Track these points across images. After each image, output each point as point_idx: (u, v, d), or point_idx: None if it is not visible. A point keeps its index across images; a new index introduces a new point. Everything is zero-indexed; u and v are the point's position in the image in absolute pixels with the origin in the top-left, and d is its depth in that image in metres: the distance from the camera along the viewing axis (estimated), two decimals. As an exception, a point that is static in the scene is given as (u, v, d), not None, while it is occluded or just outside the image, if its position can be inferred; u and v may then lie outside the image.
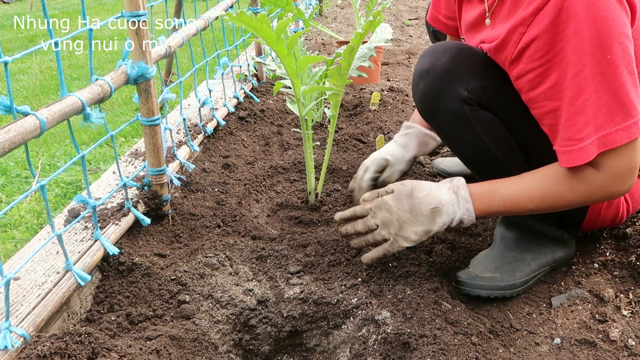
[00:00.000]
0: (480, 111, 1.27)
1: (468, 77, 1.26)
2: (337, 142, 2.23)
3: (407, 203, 1.22)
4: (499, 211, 1.22)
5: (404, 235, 1.23)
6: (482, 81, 1.26)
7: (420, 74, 1.31)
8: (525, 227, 1.38)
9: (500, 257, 1.38)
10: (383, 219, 1.24)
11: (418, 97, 1.33)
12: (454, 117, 1.27)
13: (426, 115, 1.34)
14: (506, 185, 1.21)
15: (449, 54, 1.28)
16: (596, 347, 1.17)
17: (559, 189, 1.16)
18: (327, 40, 4.25)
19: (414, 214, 1.22)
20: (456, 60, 1.27)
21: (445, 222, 1.22)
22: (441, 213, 1.21)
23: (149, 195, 1.54)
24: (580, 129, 1.09)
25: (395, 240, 1.24)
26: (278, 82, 1.65)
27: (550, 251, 1.39)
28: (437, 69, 1.27)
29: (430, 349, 1.10)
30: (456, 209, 1.21)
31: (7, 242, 2.03)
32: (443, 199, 1.22)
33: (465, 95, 1.25)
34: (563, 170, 1.16)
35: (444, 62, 1.27)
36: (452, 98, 1.26)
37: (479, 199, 1.21)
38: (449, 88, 1.26)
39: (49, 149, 2.92)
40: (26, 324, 1.06)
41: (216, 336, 1.22)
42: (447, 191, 1.22)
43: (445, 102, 1.27)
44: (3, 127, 0.96)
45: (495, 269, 1.35)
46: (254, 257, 1.44)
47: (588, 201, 1.18)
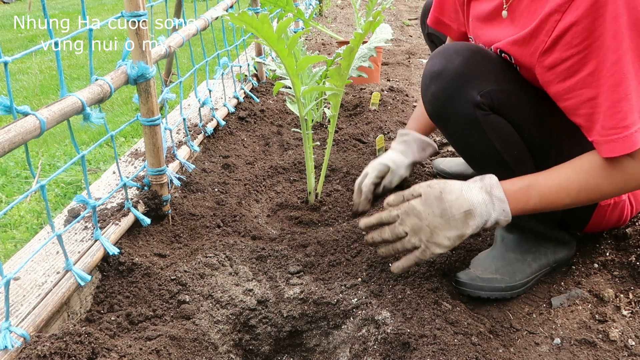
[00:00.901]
0: (493, 116, 1.24)
1: (481, 80, 1.23)
2: (337, 142, 2.23)
3: (438, 207, 1.17)
4: (535, 208, 1.18)
5: (436, 242, 1.18)
6: (495, 85, 1.23)
7: (431, 76, 1.27)
8: (526, 228, 1.38)
9: (501, 258, 1.37)
10: (413, 226, 1.19)
11: (429, 99, 1.29)
12: (465, 121, 1.24)
13: (436, 118, 1.31)
14: (541, 182, 1.17)
15: (462, 56, 1.24)
16: (596, 347, 1.17)
17: (597, 181, 1.14)
18: (327, 40, 4.26)
19: (445, 218, 1.16)
20: (469, 63, 1.23)
21: (479, 225, 1.17)
22: (474, 215, 1.16)
23: (149, 195, 1.54)
24: (625, 116, 1.05)
25: (427, 247, 1.19)
26: (278, 82, 1.65)
27: (550, 252, 1.39)
28: (450, 71, 1.23)
29: (430, 349, 1.10)
30: (490, 210, 1.17)
31: (7, 242, 2.03)
32: (475, 200, 1.17)
33: (478, 99, 1.21)
34: (599, 161, 1.13)
35: (456, 64, 1.23)
36: (465, 102, 1.22)
37: (514, 197, 1.17)
38: (462, 92, 1.22)
39: (49, 149, 2.92)
40: (26, 324, 1.06)
41: (216, 336, 1.22)
42: (479, 191, 1.18)
43: (457, 106, 1.24)
44: (3, 127, 0.96)
45: (495, 270, 1.35)
46: (254, 257, 1.44)
47: (624, 191, 1.16)
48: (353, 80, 2.93)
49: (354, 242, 1.50)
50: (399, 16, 5.52)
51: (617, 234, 1.47)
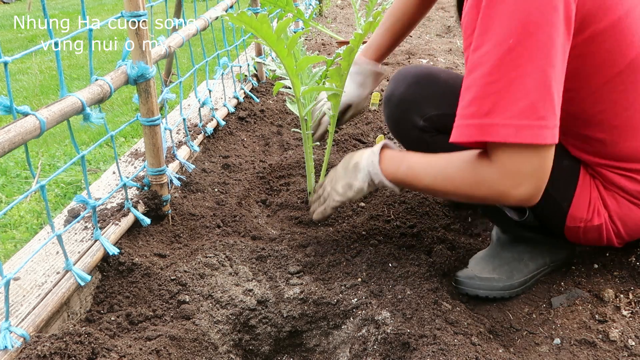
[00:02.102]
0: (440, 136, 1.30)
1: (424, 106, 1.31)
2: (337, 142, 2.23)
3: (346, 162, 1.35)
4: (405, 180, 1.22)
5: (335, 189, 1.36)
6: (438, 110, 1.29)
7: (384, 101, 1.40)
8: (523, 228, 1.38)
9: (497, 257, 1.38)
10: (330, 179, 1.41)
11: (386, 119, 1.42)
12: (415, 142, 1.35)
13: (393, 136, 1.45)
14: (417, 156, 1.22)
15: (406, 83, 1.33)
16: (596, 347, 1.17)
17: (451, 171, 1.12)
18: (327, 41, 4.25)
19: (345, 169, 1.34)
20: (412, 89, 1.32)
21: (363, 178, 1.29)
22: (359, 167, 1.29)
23: (148, 196, 1.54)
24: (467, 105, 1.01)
25: (330, 194, 1.39)
26: (278, 82, 1.65)
27: (547, 252, 1.38)
28: (395, 97, 1.35)
29: (430, 349, 1.10)
30: (368, 164, 1.27)
31: (7, 242, 2.03)
32: (364, 155, 1.30)
33: (421, 124, 1.31)
34: (464, 155, 1.10)
35: (401, 91, 1.33)
36: (410, 126, 1.33)
37: (389, 159, 1.25)
38: (406, 117, 1.33)
39: (49, 149, 2.92)
40: (26, 324, 1.06)
41: (216, 336, 1.22)
42: (369, 149, 1.30)
43: (404, 129, 1.36)
44: (3, 127, 0.96)
45: (493, 269, 1.35)
46: (254, 257, 1.44)
47: (476, 194, 1.08)
48: None
49: (354, 242, 1.50)
50: (399, 16, 5.51)
51: (617, 234, 1.47)
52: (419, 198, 1.70)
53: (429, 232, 1.53)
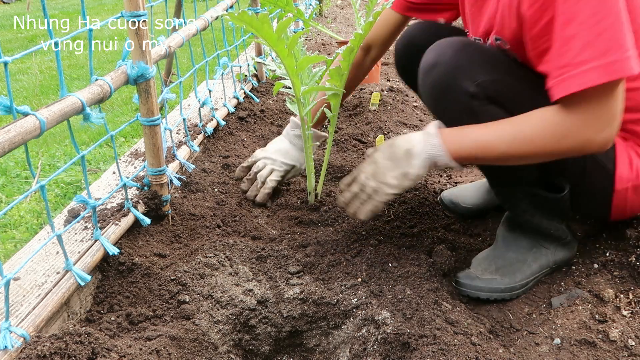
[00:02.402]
0: (490, 106, 1.24)
1: (474, 71, 1.22)
2: (337, 142, 2.23)
3: (388, 151, 1.25)
4: (471, 154, 1.18)
5: (385, 182, 1.25)
6: (489, 75, 1.23)
7: (425, 70, 1.28)
8: (528, 228, 1.37)
9: (501, 258, 1.37)
10: (371, 172, 1.27)
11: (426, 93, 1.30)
12: (462, 112, 1.24)
13: (434, 111, 1.33)
14: (478, 128, 1.19)
15: (454, 49, 1.25)
16: (596, 347, 1.17)
17: (529, 132, 1.12)
18: (327, 41, 4.25)
19: (392, 159, 1.24)
20: (461, 55, 1.24)
21: (421, 164, 1.21)
22: (414, 154, 1.21)
23: (148, 196, 1.54)
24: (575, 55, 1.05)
25: (380, 188, 1.26)
26: (278, 82, 1.65)
27: (551, 252, 1.38)
28: (442, 64, 1.24)
29: (430, 349, 1.10)
30: (427, 147, 1.20)
31: (7, 242, 2.03)
32: (415, 140, 1.22)
33: (472, 90, 1.22)
34: (537, 114, 1.13)
35: (449, 56, 1.24)
36: (460, 93, 1.23)
37: (449, 137, 1.20)
38: (456, 83, 1.23)
39: (49, 149, 2.92)
40: (26, 324, 1.06)
41: (216, 336, 1.22)
42: (420, 133, 1.23)
43: (453, 98, 1.24)
44: (3, 127, 0.96)
45: (496, 270, 1.35)
46: (254, 257, 1.44)
47: (558, 149, 1.11)
48: None
49: (354, 242, 1.50)
50: (399, 16, 5.51)
51: (617, 234, 1.47)
52: (419, 198, 1.70)
53: (429, 232, 1.53)
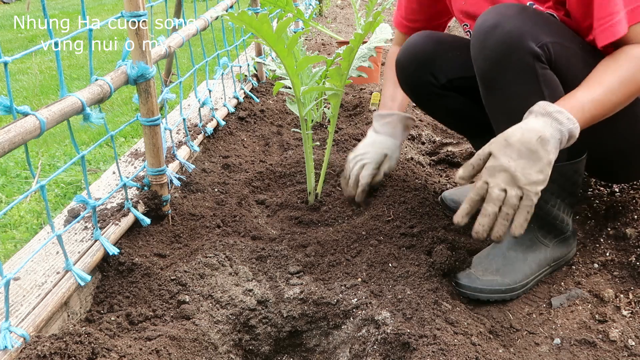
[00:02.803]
0: (549, 71, 1.24)
1: (537, 32, 1.22)
2: (337, 142, 2.23)
3: (512, 152, 1.11)
4: (592, 114, 1.15)
5: (532, 181, 1.10)
6: (551, 37, 1.23)
7: (487, 30, 1.24)
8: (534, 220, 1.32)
9: (502, 256, 1.38)
10: (505, 180, 1.11)
11: (485, 55, 1.26)
12: (524, 74, 1.22)
13: (489, 76, 1.28)
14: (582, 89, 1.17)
15: (515, 10, 1.24)
16: (596, 347, 1.17)
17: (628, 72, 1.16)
18: (327, 41, 4.25)
19: (525, 157, 1.10)
20: (523, 16, 1.24)
21: (556, 145, 1.12)
22: (547, 139, 1.10)
23: (148, 196, 1.54)
24: None
25: (529, 190, 1.10)
26: (278, 82, 1.65)
27: (550, 250, 1.39)
28: (507, 24, 1.22)
29: (430, 349, 1.10)
30: (557, 126, 1.11)
31: (7, 242, 2.03)
32: (538, 126, 1.11)
33: (537, 50, 1.21)
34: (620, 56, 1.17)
35: (512, 17, 1.23)
36: (525, 53, 1.21)
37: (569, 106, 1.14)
38: (521, 43, 1.21)
39: (49, 149, 2.92)
40: (26, 324, 1.06)
41: (216, 336, 1.22)
42: (535, 119, 1.13)
43: (516, 58, 1.22)
44: (3, 127, 0.96)
45: (496, 270, 1.35)
46: (254, 257, 1.44)
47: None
48: (353, 80, 2.93)
49: (354, 242, 1.50)
50: (399, 16, 5.51)
51: (617, 234, 1.47)
52: (419, 198, 1.70)
53: (429, 232, 1.53)
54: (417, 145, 2.26)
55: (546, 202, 1.34)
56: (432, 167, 2.14)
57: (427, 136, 2.32)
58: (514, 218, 1.12)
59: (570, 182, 1.34)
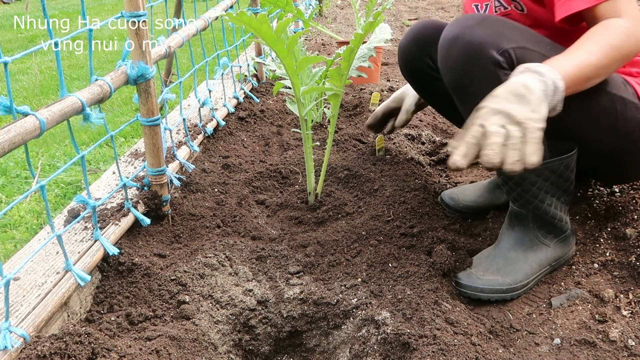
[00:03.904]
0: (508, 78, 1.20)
1: (498, 40, 1.25)
2: (337, 143, 2.23)
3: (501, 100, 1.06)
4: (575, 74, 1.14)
5: (528, 117, 1.03)
6: (512, 43, 1.26)
7: (449, 43, 1.29)
8: (532, 220, 1.37)
9: (502, 257, 1.38)
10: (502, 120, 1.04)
11: (449, 66, 1.30)
12: (488, 82, 1.23)
13: (456, 85, 1.31)
14: (566, 54, 1.18)
15: (475, 20, 1.28)
16: (596, 347, 1.17)
17: (611, 39, 1.18)
18: (327, 41, 4.25)
19: (516, 101, 1.05)
20: (484, 25, 1.27)
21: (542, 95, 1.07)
22: (531, 87, 1.08)
23: (148, 196, 1.54)
24: None
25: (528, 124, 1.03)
26: (278, 82, 1.65)
27: (551, 249, 1.39)
28: (467, 34, 1.26)
29: (430, 349, 1.10)
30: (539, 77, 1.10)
31: (7, 242, 2.03)
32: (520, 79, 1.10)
33: (498, 58, 1.24)
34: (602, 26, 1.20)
35: (472, 27, 1.27)
36: (486, 62, 1.25)
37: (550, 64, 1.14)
38: (482, 52, 1.25)
39: (49, 149, 2.92)
40: (26, 324, 1.06)
41: (216, 336, 1.22)
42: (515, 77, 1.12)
43: (478, 68, 1.25)
44: (3, 127, 0.96)
45: (497, 269, 1.36)
46: (254, 257, 1.44)
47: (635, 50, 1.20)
48: (353, 80, 2.93)
49: (354, 242, 1.50)
50: (399, 16, 5.52)
51: (617, 234, 1.47)
52: (419, 198, 1.70)
53: (429, 232, 1.53)
54: (417, 145, 2.26)
55: (542, 202, 1.35)
56: (432, 167, 2.14)
57: (427, 136, 2.32)
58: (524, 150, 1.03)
59: (562, 179, 1.35)
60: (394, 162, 1.96)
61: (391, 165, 1.93)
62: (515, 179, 1.34)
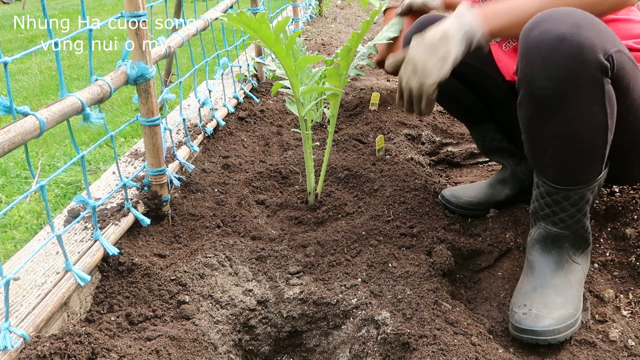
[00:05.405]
0: (610, 86, 1.11)
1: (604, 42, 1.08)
2: (336, 143, 2.23)
3: (422, 45, 1.26)
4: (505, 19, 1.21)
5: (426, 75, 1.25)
6: (614, 45, 1.10)
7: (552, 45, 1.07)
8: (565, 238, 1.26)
9: (550, 286, 1.23)
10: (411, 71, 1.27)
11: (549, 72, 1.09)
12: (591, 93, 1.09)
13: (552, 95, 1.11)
14: None
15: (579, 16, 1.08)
16: (596, 347, 1.17)
17: None
18: (327, 41, 4.26)
19: (429, 50, 1.24)
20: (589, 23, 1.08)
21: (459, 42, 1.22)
22: (449, 36, 1.22)
23: (148, 196, 1.54)
24: None
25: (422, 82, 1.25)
26: (277, 82, 1.65)
27: (582, 266, 1.31)
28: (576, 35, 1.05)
29: (430, 349, 1.10)
30: (462, 26, 1.22)
31: (7, 242, 2.03)
32: (447, 23, 1.24)
33: (606, 65, 1.07)
34: None
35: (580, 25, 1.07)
36: (595, 70, 1.07)
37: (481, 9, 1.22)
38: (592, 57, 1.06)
39: (49, 149, 2.92)
40: (26, 325, 1.06)
41: (216, 336, 1.22)
42: (450, 16, 1.25)
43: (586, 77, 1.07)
44: (3, 127, 0.96)
45: (557, 302, 1.20)
46: (254, 257, 1.44)
47: None
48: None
49: (354, 242, 1.50)
50: (399, 16, 5.52)
51: (617, 234, 1.47)
52: (419, 198, 1.70)
53: (429, 232, 1.53)
54: (417, 145, 2.26)
55: (585, 216, 1.25)
56: (432, 167, 2.14)
57: (427, 136, 2.32)
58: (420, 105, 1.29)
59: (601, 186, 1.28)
60: (394, 162, 1.96)
61: (391, 165, 1.93)
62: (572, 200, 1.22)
